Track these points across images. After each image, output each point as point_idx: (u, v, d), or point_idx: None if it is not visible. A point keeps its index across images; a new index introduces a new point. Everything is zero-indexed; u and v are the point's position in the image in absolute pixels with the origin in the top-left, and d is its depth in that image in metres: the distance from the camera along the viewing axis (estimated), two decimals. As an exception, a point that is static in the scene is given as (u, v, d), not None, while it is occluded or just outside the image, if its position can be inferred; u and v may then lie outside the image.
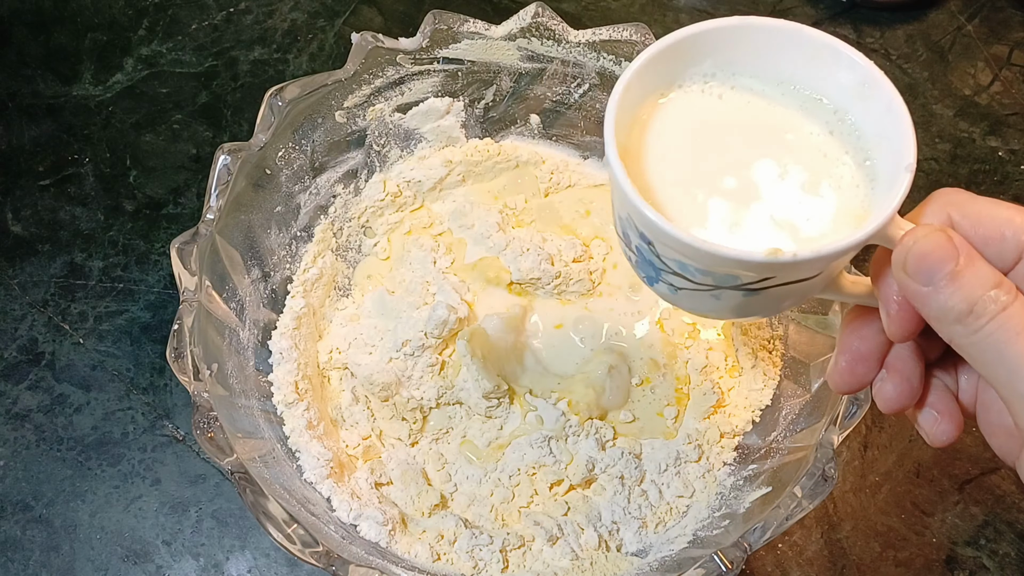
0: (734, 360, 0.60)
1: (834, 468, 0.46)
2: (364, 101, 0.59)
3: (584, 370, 0.59)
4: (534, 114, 0.65)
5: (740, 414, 0.57)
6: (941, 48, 0.78)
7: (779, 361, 0.56)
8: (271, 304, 0.58)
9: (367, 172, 0.63)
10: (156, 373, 0.64)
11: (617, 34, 0.58)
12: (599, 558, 0.53)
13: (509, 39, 0.59)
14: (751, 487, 0.52)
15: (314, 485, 0.53)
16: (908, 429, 0.62)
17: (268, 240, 0.57)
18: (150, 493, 0.60)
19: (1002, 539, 0.59)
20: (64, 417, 0.63)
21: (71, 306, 0.67)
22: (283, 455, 0.53)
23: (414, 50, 0.59)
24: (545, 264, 0.60)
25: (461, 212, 0.64)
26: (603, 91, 0.62)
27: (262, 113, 0.54)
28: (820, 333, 0.53)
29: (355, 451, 0.57)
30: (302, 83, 0.55)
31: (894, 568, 0.58)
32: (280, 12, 0.80)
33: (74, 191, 0.71)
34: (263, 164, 0.55)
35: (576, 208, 0.66)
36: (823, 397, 0.50)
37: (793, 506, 0.45)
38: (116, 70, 0.77)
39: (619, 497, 0.55)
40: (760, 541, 0.45)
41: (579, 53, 0.60)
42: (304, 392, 0.56)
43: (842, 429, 0.47)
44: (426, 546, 0.52)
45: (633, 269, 0.39)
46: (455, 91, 0.63)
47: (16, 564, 0.58)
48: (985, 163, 0.72)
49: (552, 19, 0.58)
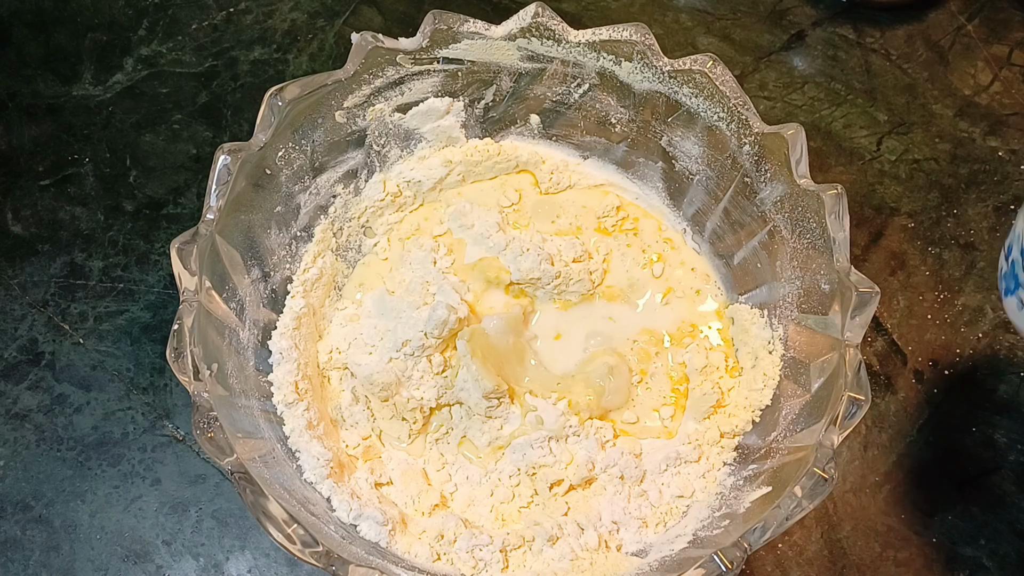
0: (734, 360, 0.60)
1: (834, 468, 0.46)
2: (364, 101, 0.59)
3: (584, 370, 0.59)
4: (534, 114, 0.65)
5: (740, 414, 0.57)
6: (941, 48, 0.78)
7: (779, 361, 0.56)
8: (271, 304, 0.58)
9: (367, 172, 0.63)
10: (156, 373, 0.64)
11: (617, 34, 0.58)
12: (599, 558, 0.53)
13: (509, 39, 0.59)
14: (751, 487, 0.52)
15: (314, 485, 0.53)
16: (908, 429, 0.62)
17: (268, 240, 0.57)
18: (150, 493, 0.60)
19: (1002, 539, 0.59)
20: (64, 417, 0.63)
21: (71, 306, 0.67)
22: (283, 455, 0.53)
23: (414, 50, 0.59)
24: (545, 264, 0.60)
25: (461, 212, 0.64)
26: (603, 91, 0.62)
27: (262, 113, 0.54)
28: (820, 333, 0.53)
29: (355, 451, 0.57)
30: (302, 83, 0.55)
31: (894, 568, 0.58)
32: (280, 12, 0.80)
33: (74, 191, 0.72)
34: (263, 164, 0.55)
35: (576, 208, 0.66)
36: (823, 397, 0.50)
37: (793, 506, 0.45)
38: (116, 70, 0.77)
39: (619, 497, 0.55)
40: (760, 541, 0.45)
41: (579, 53, 0.60)
42: (304, 392, 0.56)
43: (842, 429, 0.47)
44: (426, 546, 0.52)
45: (999, 278, 0.52)
46: (455, 91, 0.63)
47: (16, 564, 0.58)
48: (985, 163, 0.72)
49: (552, 19, 0.58)
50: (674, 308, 0.62)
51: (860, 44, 0.78)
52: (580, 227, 0.65)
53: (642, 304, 0.62)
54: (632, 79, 0.60)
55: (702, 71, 0.56)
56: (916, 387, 0.64)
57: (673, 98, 0.59)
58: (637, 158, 0.64)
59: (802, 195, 0.54)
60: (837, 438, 0.47)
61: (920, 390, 0.64)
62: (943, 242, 0.69)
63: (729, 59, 0.77)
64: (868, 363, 0.64)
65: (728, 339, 0.61)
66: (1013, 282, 0.51)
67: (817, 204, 0.52)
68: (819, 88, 0.76)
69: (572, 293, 0.62)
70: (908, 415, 0.63)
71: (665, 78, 0.58)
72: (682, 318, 0.62)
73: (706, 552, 0.46)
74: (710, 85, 0.56)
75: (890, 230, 0.70)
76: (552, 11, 0.58)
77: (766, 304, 0.58)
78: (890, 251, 0.69)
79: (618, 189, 0.66)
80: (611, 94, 0.62)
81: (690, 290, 0.63)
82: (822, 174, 0.72)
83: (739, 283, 0.61)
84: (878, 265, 0.68)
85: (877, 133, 0.74)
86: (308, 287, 0.60)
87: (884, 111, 0.75)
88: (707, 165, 0.60)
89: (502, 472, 0.56)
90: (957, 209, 0.70)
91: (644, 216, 0.66)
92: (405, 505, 0.55)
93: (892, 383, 0.64)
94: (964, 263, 0.68)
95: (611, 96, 0.62)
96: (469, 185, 0.66)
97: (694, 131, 0.60)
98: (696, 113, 0.58)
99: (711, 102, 0.57)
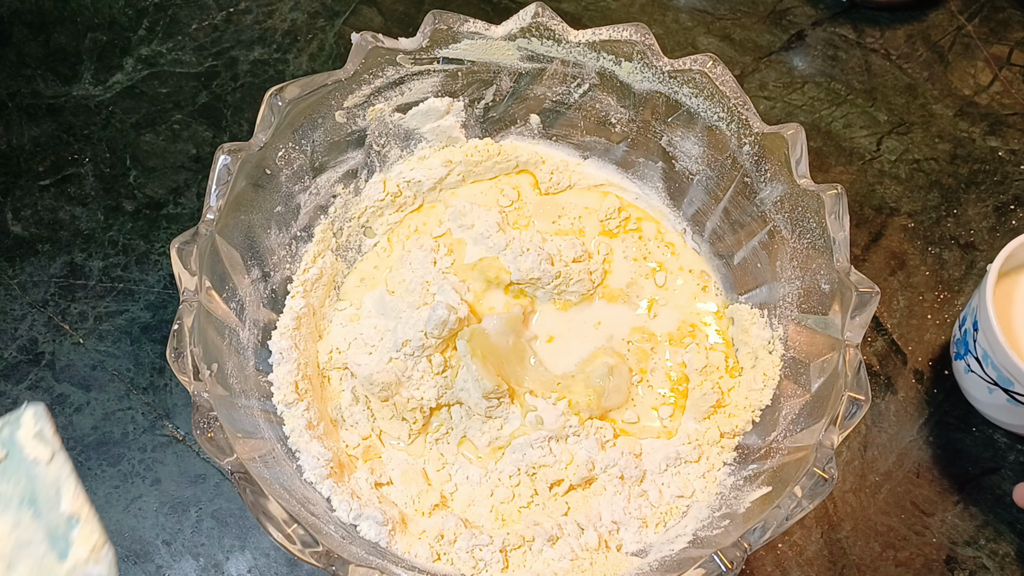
0: (734, 360, 0.60)
1: (834, 468, 0.46)
2: (364, 101, 0.59)
3: (584, 370, 0.59)
4: (534, 114, 0.65)
5: (740, 414, 0.57)
6: (941, 48, 0.78)
7: (779, 361, 0.56)
8: (271, 304, 0.58)
9: (367, 172, 0.63)
10: (156, 373, 0.64)
11: (617, 34, 0.58)
12: (599, 558, 0.53)
13: (509, 39, 0.59)
14: (751, 487, 0.52)
15: (314, 485, 0.53)
16: (908, 429, 0.62)
17: (268, 240, 0.57)
18: (150, 493, 0.60)
19: (1002, 539, 0.59)
20: (64, 417, 0.63)
21: (71, 306, 0.67)
22: (283, 455, 0.53)
23: (414, 50, 0.59)
24: (545, 264, 0.60)
25: (461, 212, 0.64)
26: (603, 91, 0.62)
27: (262, 113, 0.54)
28: (820, 333, 0.53)
29: (355, 451, 0.57)
30: (302, 83, 0.55)
31: (894, 568, 0.58)
32: (280, 12, 0.80)
33: (74, 191, 0.72)
34: (263, 164, 0.55)
35: (576, 208, 0.66)
36: (823, 397, 0.50)
37: (793, 506, 0.45)
38: (116, 70, 0.77)
39: (619, 497, 0.55)
40: (760, 541, 0.45)
41: (579, 53, 0.60)
42: (304, 392, 0.56)
43: (842, 429, 0.47)
44: (426, 546, 0.52)
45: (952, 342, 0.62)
46: (455, 91, 0.63)
47: (16, 564, 0.58)
48: (985, 163, 0.72)
49: (552, 19, 0.58)
50: (674, 308, 0.62)
51: (860, 44, 0.78)
52: (582, 229, 0.65)
53: (643, 305, 0.62)
54: (632, 79, 0.60)
55: (702, 71, 0.56)
56: (916, 387, 0.64)
57: (673, 98, 0.59)
58: (637, 158, 0.64)
59: (802, 195, 0.54)
60: (837, 438, 0.47)
61: (920, 390, 0.64)
62: (943, 242, 0.69)
63: (729, 59, 0.77)
64: (868, 363, 0.64)
65: (728, 339, 0.61)
66: (963, 348, 0.59)
67: (817, 204, 0.52)
68: (819, 88, 0.76)
69: (572, 293, 0.62)
70: (908, 415, 0.63)
71: (665, 78, 0.58)
72: (682, 318, 0.62)
73: (706, 552, 0.46)
74: (710, 85, 0.56)
75: (890, 230, 0.70)
76: (552, 11, 0.58)
77: (766, 304, 0.58)
78: (890, 251, 0.69)
79: (618, 189, 0.66)
80: (611, 94, 0.62)
81: (691, 290, 0.63)
82: (822, 174, 0.72)
83: (739, 283, 0.61)
84: (878, 265, 0.68)
85: (877, 133, 0.74)
86: (308, 287, 0.60)
87: (884, 111, 0.75)
88: (707, 165, 0.60)
89: (502, 472, 0.56)
90: (957, 209, 0.70)
91: (645, 218, 0.66)
92: (405, 505, 0.55)
93: (892, 383, 0.64)
94: (964, 263, 0.68)
95: (611, 96, 0.62)
96: (469, 185, 0.66)
97: (694, 131, 0.60)
98: (696, 113, 0.58)
99: (711, 102, 0.57)
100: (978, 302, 0.57)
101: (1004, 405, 0.57)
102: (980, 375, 0.58)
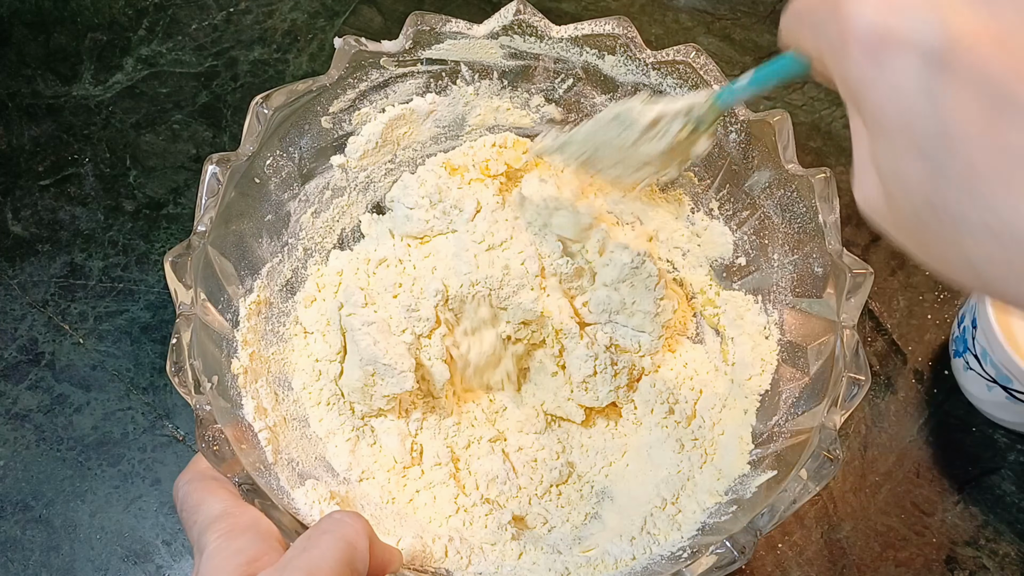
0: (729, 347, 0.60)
1: (839, 449, 0.45)
2: (349, 106, 0.59)
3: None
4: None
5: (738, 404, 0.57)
6: (941, 48, 0.78)
7: (776, 346, 0.56)
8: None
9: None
10: (156, 373, 0.64)
11: (599, 28, 0.57)
12: (613, 548, 0.53)
13: (492, 37, 0.59)
14: (756, 472, 0.52)
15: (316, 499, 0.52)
16: (908, 429, 0.62)
17: (260, 249, 0.57)
18: (150, 493, 0.60)
19: (1002, 539, 0.59)
20: (64, 417, 0.63)
21: (71, 306, 0.67)
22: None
23: (397, 52, 0.58)
24: (537, 264, 0.60)
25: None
26: (588, 85, 0.61)
27: (249, 122, 0.53)
28: (815, 316, 0.52)
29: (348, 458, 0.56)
30: (287, 90, 0.54)
31: (894, 568, 0.58)
32: (280, 12, 0.80)
33: (74, 191, 0.72)
34: (252, 173, 0.55)
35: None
36: (823, 379, 0.50)
37: (799, 489, 0.45)
38: (116, 70, 0.77)
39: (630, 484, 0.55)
40: (769, 525, 0.44)
41: (563, 49, 0.59)
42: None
43: (843, 410, 0.46)
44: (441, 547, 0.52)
45: (950, 339, 0.63)
46: (440, 91, 0.62)
47: (16, 564, 0.58)
48: (985, 163, 0.72)
49: (534, 15, 0.58)
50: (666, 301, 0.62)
51: (860, 44, 0.78)
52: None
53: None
54: (616, 72, 0.59)
55: (685, 61, 0.56)
56: (916, 387, 0.64)
57: (658, 89, 0.58)
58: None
59: (791, 180, 0.53)
60: (839, 419, 0.46)
61: (920, 390, 0.64)
62: (943, 242, 0.69)
63: (729, 59, 0.77)
64: (868, 363, 0.64)
65: (722, 326, 0.60)
66: (962, 345, 0.60)
67: (806, 188, 0.52)
68: (819, 88, 0.76)
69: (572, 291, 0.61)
70: (908, 415, 0.63)
71: (648, 70, 0.58)
72: (673, 308, 0.61)
73: (716, 539, 0.45)
74: (694, 75, 0.56)
75: (890, 230, 0.69)
76: (533, 7, 0.58)
77: (760, 290, 0.58)
78: (890, 251, 0.69)
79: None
80: (596, 88, 0.61)
81: (681, 281, 0.63)
82: (822, 174, 0.72)
83: (731, 270, 0.61)
84: (878, 265, 0.68)
85: (877, 133, 0.74)
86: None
87: (884, 111, 0.75)
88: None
89: (515, 454, 0.56)
90: (957, 209, 0.70)
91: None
92: (418, 511, 0.54)
93: (892, 383, 0.64)
94: (964, 263, 0.68)
95: (596, 90, 0.61)
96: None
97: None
98: (682, 103, 0.58)
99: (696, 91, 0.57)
100: (977, 299, 0.57)
101: (1003, 402, 0.58)
102: (979, 373, 0.58)
